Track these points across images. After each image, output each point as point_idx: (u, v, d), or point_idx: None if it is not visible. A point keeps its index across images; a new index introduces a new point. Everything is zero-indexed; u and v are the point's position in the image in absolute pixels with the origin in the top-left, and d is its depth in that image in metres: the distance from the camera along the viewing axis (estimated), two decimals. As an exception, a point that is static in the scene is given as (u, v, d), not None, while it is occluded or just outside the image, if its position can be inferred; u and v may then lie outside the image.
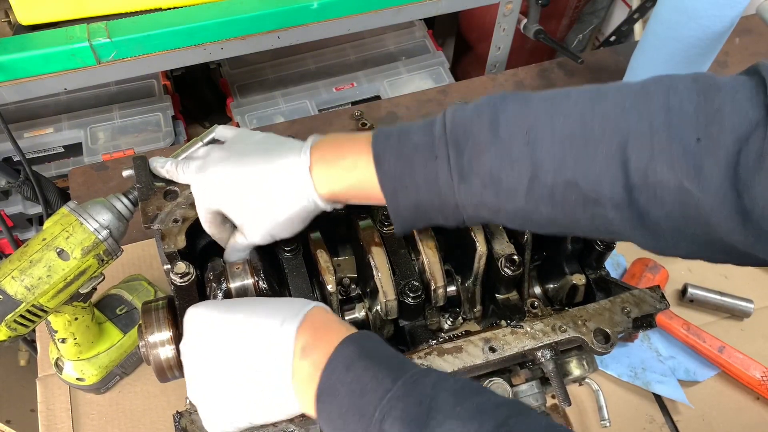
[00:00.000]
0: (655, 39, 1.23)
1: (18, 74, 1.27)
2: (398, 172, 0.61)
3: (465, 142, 0.58)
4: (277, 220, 0.68)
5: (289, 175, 0.65)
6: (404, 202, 0.62)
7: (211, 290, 0.74)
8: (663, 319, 1.09)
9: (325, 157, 0.65)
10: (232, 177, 0.69)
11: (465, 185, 0.58)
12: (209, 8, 1.34)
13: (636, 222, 0.54)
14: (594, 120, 0.54)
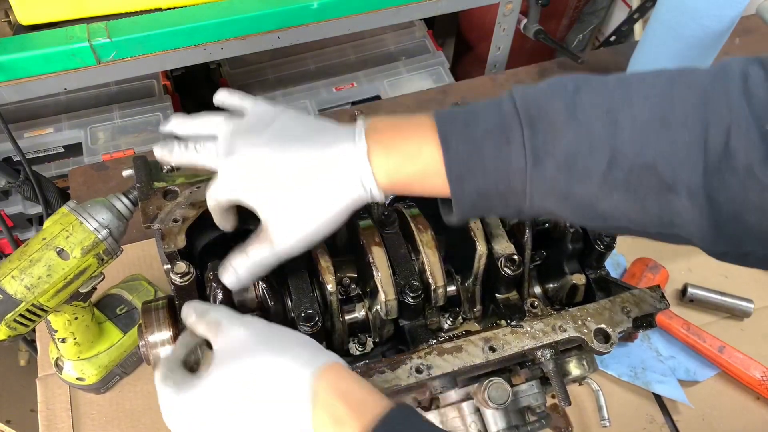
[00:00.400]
0: (655, 39, 1.23)
1: (18, 74, 1.27)
2: (466, 157, 0.56)
3: (539, 122, 0.55)
4: (325, 218, 0.60)
5: (345, 164, 0.58)
6: (469, 189, 0.57)
7: (211, 290, 0.73)
8: (663, 319, 1.09)
9: (383, 142, 0.59)
10: (275, 165, 0.60)
11: (538, 169, 0.55)
12: (209, 8, 1.34)
13: (705, 211, 0.53)
14: (675, 104, 0.53)
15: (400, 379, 0.68)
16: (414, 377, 0.68)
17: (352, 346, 0.80)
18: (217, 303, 0.72)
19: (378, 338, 0.81)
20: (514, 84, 0.62)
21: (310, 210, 0.60)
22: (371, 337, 0.80)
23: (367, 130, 0.59)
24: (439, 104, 1.40)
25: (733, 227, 0.54)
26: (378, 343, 0.82)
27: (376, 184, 0.59)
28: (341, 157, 0.59)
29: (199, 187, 0.79)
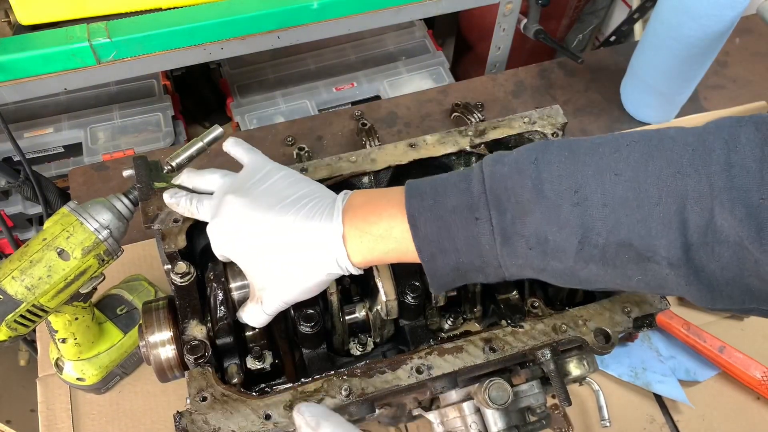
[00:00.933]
0: (655, 39, 1.23)
1: (18, 74, 1.27)
2: (436, 236, 0.58)
3: (507, 201, 0.55)
4: (303, 288, 0.65)
5: (321, 245, 0.62)
6: (443, 265, 0.59)
7: (211, 290, 0.74)
8: (663, 319, 1.09)
9: (356, 224, 0.62)
10: (255, 237, 0.64)
11: (509, 247, 0.56)
12: (209, 8, 1.34)
13: (692, 278, 0.51)
14: (648, 181, 0.51)
15: (400, 379, 0.68)
16: (414, 377, 0.68)
17: (352, 347, 0.80)
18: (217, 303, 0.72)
19: (378, 338, 0.81)
20: (487, 157, 0.62)
21: (291, 282, 0.65)
22: (372, 338, 0.80)
23: (345, 207, 0.63)
24: (439, 104, 1.40)
25: (731, 290, 0.52)
26: (378, 343, 0.82)
27: (351, 263, 0.62)
28: (319, 235, 0.62)
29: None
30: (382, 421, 0.84)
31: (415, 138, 0.86)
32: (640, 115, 1.39)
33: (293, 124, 1.39)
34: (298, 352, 0.79)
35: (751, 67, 1.49)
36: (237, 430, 0.64)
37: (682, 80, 1.27)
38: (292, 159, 1.30)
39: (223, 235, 0.67)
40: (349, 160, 0.83)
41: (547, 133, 0.86)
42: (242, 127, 1.68)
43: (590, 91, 1.44)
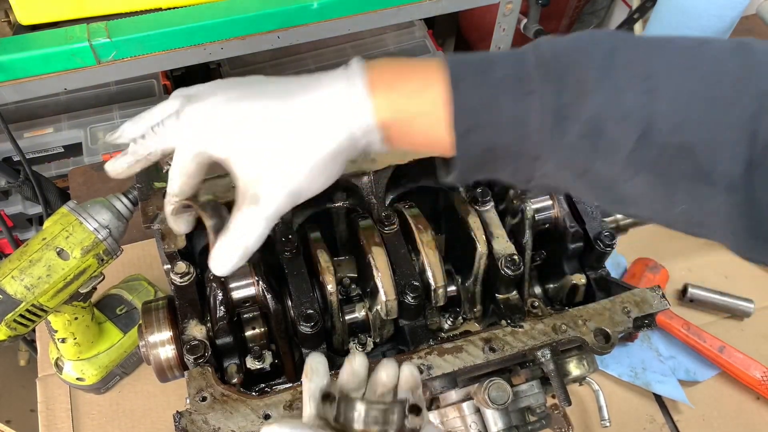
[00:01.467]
0: (655, 39, 1.23)
1: (18, 74, 1.27)
2: (477, 106, 0.48)
3: (567, 77, 0.48)
4: (315, 162, 0.52)
5: (338, 94, 0.51)
6: (475, 144, 0.49)
7: (211, 290, 0.73)
8: (663, 319, 1.09)
9: (384, 77, 0.51)
10: (250, 108, 0.52)
11: (558, 130, 0.47)
12: (209, 8, 1.34)
13: (744, 209, 0.46)
14: (724, 81, 0.46)
15: (400, 379, 0.68)
16: (414, 377, 0.68)
17: (352, 347, 0.80)
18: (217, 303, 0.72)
19: (378, 338, 0.80)
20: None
21: (295, 154, 0.51)
22: (371, 337, 0.80)
23: (367, 65, 0.52)
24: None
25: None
26: (378, 343, 0.82)
27: (375, 121, 0.51)
28: (332, 96, 0.51)
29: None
30: (381, 421, 0.84)
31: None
32: (640, 115, 1.38)
33: (293, 124, 1.39)
34: (297, 352, 0.79)
35: (751, 67, 1.48)
36: (237, 430, 0.64)
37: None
38: (292, 159, 1.30)
39: (203, 119, 0.53)
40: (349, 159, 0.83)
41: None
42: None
43: (590, 91, 1.44)
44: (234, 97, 0.52)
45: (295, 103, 0.51)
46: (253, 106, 0.52)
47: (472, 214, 0.77)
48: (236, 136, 0.52)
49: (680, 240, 1.17)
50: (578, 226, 0.78)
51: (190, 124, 0.53)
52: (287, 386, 0.69)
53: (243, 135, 0.51)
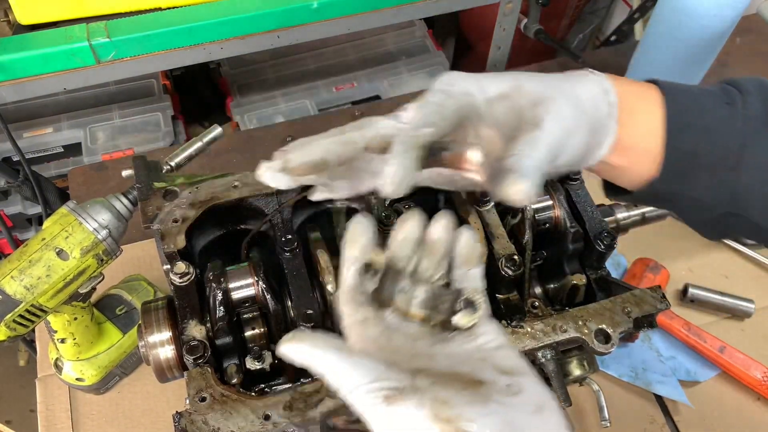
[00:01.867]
0: (655, 39, 1.23)
1: (17, 74, 1.27)
2: (688, 108, 0.53)
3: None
4: (583, 115, 0.55)
5: (594, 78, 0.56)
6: (684, 144, 0.53)
7: (210, 290, 0.73)
8: (664, 320, 1.09)
9: (612, 78, 0.57)
10: (530, 81, 0.55)
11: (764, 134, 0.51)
12: (209, 8, 1.34)
13: None
14: None
15: (400, 379, 0.68)
16: (414, 378, 0.68)
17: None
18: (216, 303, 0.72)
19: (378, 339, 0.80)
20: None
21: (571, 103, 0.54)
22: (371, 338, 0.80)
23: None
24: (439, 104, 1.40)
25: None
26: (378, 343, 0.81)
27: (616, 99, 0.55)
28: (590, 77, 0.57)
29: (199, 188, 0.79)
30: (381, 422, 0.84)
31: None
32: (640, 115, 1.38)
33: (293, 124, 1.39)
34: (297, 353, 0.79)
35: (751, 66, 1.48)
36: (236, 430, 0.64)
37: (683, 80, 1.27)
38: (291, 159, 1.30)
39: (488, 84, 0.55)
40: (349, 159, 0.83)
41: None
42: (242, 126, 1.68)
43: (590, 90, 1.44)
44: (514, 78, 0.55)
45: (562, 76, 0.56)
46: (538, 82, 0.55)
47: (473, 214, 0.77)
48: (528, 78, 0.55)
49: (681, 240, 1.17)
50: (578, 226, 0.78)
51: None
52: (287, 387, 0.69)
53: (526, 76, 0.55)
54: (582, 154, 0.56)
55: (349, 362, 0.46)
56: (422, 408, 0.44)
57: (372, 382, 0.45)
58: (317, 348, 0.47)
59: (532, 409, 0.48)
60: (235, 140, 1.35)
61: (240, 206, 0.81)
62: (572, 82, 0.56)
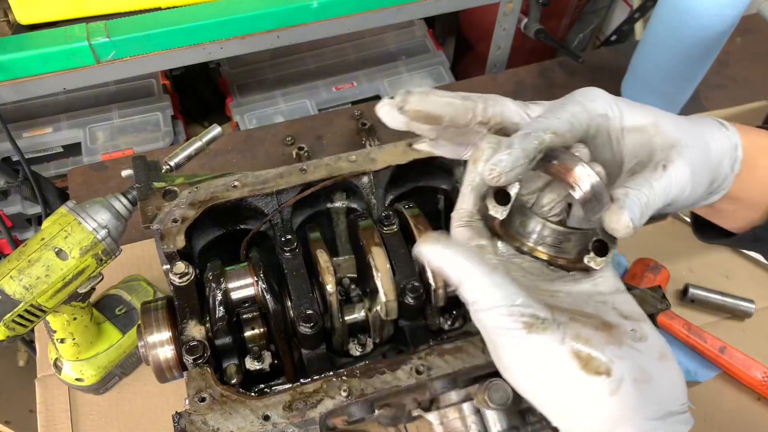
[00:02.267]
0: (656, 39, 1.23)
1: (17, 74, 1.27)
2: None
3: None
4: (707, 158, 0.55)
5: (724, 137, 0.57)
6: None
7: (210, 290, 0.73)
8: (664, 320, 1.09)
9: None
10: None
11: None
12: (209, 8, 1.34)
13: None
14: None
15: (400, 380, 0.68)
16: (414, 378, 0.68)
17: (352, 347, 0.79)
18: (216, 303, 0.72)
19: (378, 339, 0.80)
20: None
21: (697, 145, 0.54)
22: (371, 338, 0.80)
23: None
24: (439, 104, 1.40)
25: None
26: (378, 343, 0.81)
27: (740, 139, 0.57)
28: (712, 121, 0.57)
29: (198, 188, 0.79)
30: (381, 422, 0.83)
31: (416, 137, 0.85)
32: (640, 115, 1.38)
33: (293, 124, 1.39)
34: (297, 353, 0.79)
35: (751, 66, 1.48)
36: (236, 430, 0.63)
37: (683, 80, 1.27)
38: (291, 159, 1.30)
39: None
40: (349, 159, 0.83)
41: (547, 133, 0.86)
42: (242, 126, 1.67)
43: (591, 90, 1.44)
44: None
45: (695, 122, 0.56)
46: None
47: (473, 214, 0.77)
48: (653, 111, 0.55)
49: (681, 240, 1.16)
50: (579, 226, 0.78)
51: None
52: (286, 387, 0.69)
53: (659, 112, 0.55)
54: (692, 202, 0.56)
55: (491, 279, 0.45)
56: (563, 344, 0.44)
57: (513, 306, 0.44)
58: (460, 255, 0.45)
59: (657, 355, 0.48)
60: (234, 140, 1.35)
61: (240, 206, 0.81)
62: (705, 131, 0.55)
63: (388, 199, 0.87)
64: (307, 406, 0.66)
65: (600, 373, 0.44)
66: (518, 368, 0.46)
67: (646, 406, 0.45)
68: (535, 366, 0.45)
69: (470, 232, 0.52)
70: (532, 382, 0.46)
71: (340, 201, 0.87)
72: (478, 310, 0.45)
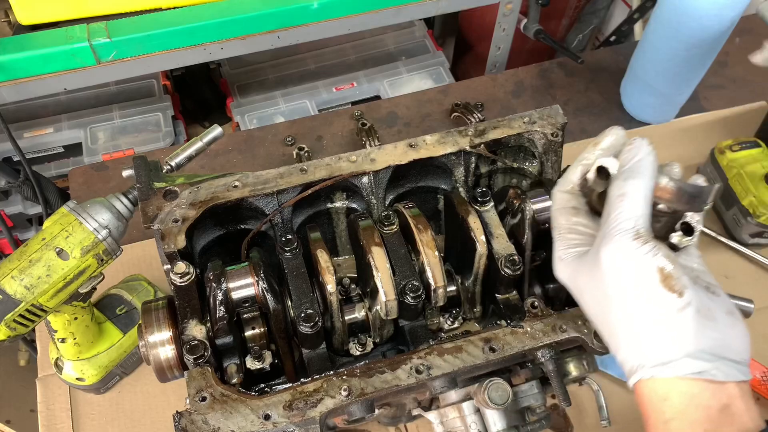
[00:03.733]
0: (655, 39, 1.23)
1: (18, 74, 1.27)
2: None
3: None
4: None
5: None
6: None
7: (210, 290, 0.73)
8: (663, 319, 1.09)
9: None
10: None
11: None
12: (209, 8, 1.34)
13: None
14: None
15: (400, 379, 0.68)
16: (414, 377, 0.68)
17: (352, 347, 0.80)
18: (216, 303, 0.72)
19: (378, 338, 0.80)
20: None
21: None
22: (371, 338, 0.80)
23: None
24: (439, 104, 1.40)
25: None
26: (378, 343, 0.82)
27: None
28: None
29: (199, 188, 0.79)
30: (381, 421, 0.84)
31: (415, 138, 0.86)
32: (640, 115, 1.39)
33: (293, 124, 1.39)
34: (297, 352, 0.79)
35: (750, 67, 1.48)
36: (236, 430, 0.64)
37: (682, 80, 1.27)
38: (292, 159, 1.31)
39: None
40: (349, 160, 0.83)
41: (546, 133, 0.86)
42: (242, 126, 1.68)
43: (590, 91, 1.44)
44: None
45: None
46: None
47: (472, 214, 0.77)
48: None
49: (680, 240, 1.17)
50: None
51: None
52: (287, 386, 0.69)
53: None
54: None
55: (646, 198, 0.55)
56: (655, 256, 0.53)
57: (639, 217, 0.54)
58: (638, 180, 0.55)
59: (726, 310, 0.55)
60: (235, 140, 1.35)
61: (240, 206, 0.81)
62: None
63: (388, 199, 0.87)
64: (307, 405, 0.66)
65: (673, 291, 0.52)
66: (611, 268, 0.54)
67: (705, 338, 0.52)
68: (626, 269, 0.53)
69: (569, 197, 0.63)
70: (619, 285, 0.54)
71: (340, 201, 0.87)
72: (623, 229, 0.54)
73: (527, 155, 0.89)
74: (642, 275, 0.53)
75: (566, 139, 0.88)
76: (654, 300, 0.52)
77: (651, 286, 0.53)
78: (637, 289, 0.53)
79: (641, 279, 0.53)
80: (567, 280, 0.60)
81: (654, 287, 0.52)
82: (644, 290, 0.53)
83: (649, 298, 0.53)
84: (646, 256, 0.53)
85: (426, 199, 0.92)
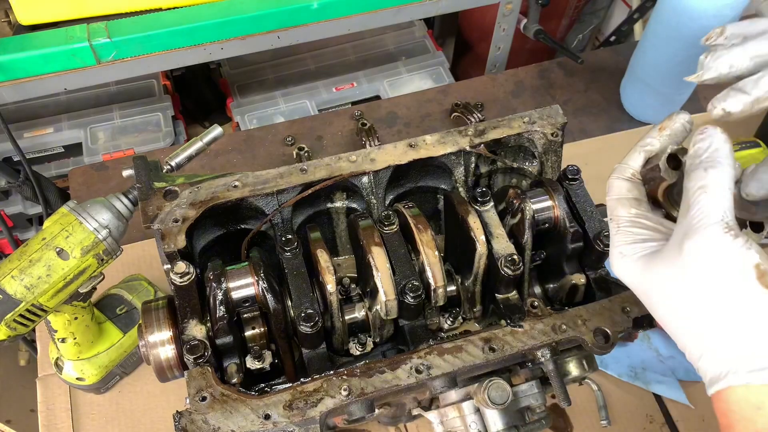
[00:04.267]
0: (655, 39, 1.23)
1: (18, 74, 1.27)
2: None
3: None
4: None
5: None
6: None
7: (210, 290, 0.73)
8: (663, 319, 1.09)
9: None
10: None
11: None
12: (209, 8, 1.34)
13: None
14: None
15: (399, 379, 0.68)
16: (414, 377, 0.68)
17: (352, 346, 0.80)
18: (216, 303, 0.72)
19: (378, 338, 0.81)
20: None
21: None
22: (371, 337, 0.80)
23: None
24: (439, 104, 1.40)
25: None
26: (378, 343, 0.82)
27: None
28: None
29: (199, 188, 0.79)
30: (381, 421, 0.84)
31: (415, 138, 0.86)
32: (639, 115, 1.39)
33: (293, 124, 1.39)
34: (297, 352, 0.79)
35: (751, 67, 1.48)
36: (236, 429, 0.64)
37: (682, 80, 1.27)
38: (291, 159, 1.31)
39: None
40: (349, 159, 0.83)
41: (546, 133, 0.86)
42: (242, 126, 1.68)
43: (590, 91, 1.44)
44: None
45: None
46: None
47: (472, 214, 0.77)
48: None
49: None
50: (578, 225, 0.78)
51: None
52: (287, 386, 0.69)
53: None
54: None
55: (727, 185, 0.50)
56: (749, 250, 0.47)
57: (726, 210, 0.49)
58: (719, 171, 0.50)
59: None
60: (235, 140, 1.35)
61: (240, 206, 0.81)
62: None
63: (388, 199, 0.87)
64: (307, 405, 0.66)
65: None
66: (699, 264, 0.49)
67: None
68: (718, 264, 0.48)
69: (629, 185, 0.57)
70: (708, 282, 0.49)
71: (340, 201, 0.88)
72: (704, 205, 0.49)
73: (527, 155, 0.90)
74: (737, 272, 0.48)
75: (566, 139, 0.88)
76: (752, 299, 0.47)
77: (748, 284, 0.47)
78: (732, 287, 0.48)
79: (736, 276, 0.48)
80: (631, 278, 0.55)
81: (752, 285, 0.47)
82: (740, 288, 0.48)
83: (746, 297, 0.48)
84: (740, 249, 0.48)
85: (426, 199, 0.92)
